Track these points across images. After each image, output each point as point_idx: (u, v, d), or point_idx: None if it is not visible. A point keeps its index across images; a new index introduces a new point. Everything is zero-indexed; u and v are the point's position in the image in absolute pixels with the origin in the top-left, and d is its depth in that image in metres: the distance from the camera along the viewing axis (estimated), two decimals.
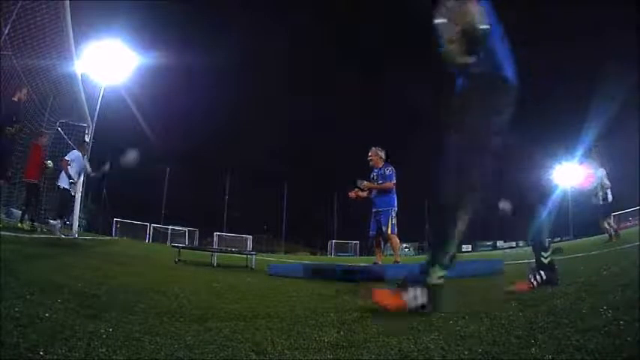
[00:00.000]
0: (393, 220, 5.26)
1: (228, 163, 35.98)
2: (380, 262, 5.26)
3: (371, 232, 5.45)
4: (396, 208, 5.36)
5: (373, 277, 3.46)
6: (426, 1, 1.79)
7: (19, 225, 6.81)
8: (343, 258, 25.83)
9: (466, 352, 1.04)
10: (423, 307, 1.56)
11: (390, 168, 5.42)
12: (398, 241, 5.37)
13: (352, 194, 5.44)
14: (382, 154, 5.55)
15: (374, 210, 5.42)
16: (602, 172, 8.08)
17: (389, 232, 5.22)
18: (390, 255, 6.86)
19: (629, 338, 1.01)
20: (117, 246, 8.93)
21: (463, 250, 34.08)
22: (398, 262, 5.08)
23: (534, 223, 2.14)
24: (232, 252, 7.15)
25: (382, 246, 5.60)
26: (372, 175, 5.54)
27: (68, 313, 1.34)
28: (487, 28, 1.69)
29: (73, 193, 7.64)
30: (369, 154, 5.55)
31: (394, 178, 5.37)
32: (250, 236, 27.24)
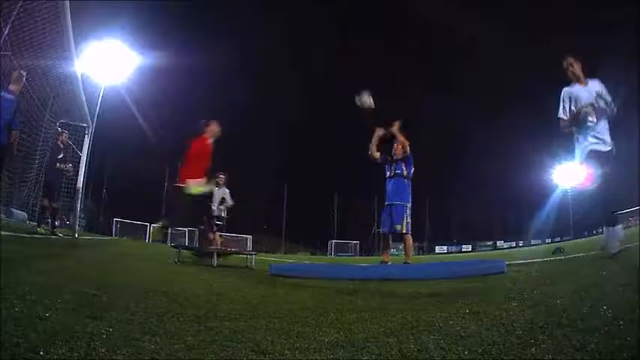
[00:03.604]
0: (407, 219, 5.02)
1: (228, 163, 35.96)
2: (388, 262, 5.11)
3: (383, 229, 5.19)
4: (410, 204, 5.12)
5: (388, 277, 3.43)
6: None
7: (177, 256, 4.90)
8: (343, 258, 25.83)
9: (466, 352, 1.04)
10: None
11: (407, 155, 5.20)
12: (411, 241, 5.13)
13: (379, 131, 5.23)
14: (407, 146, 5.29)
15: (387, 203, 5.18)
16: (225, 190, 8.11)
17: (404, 231, 4.99)
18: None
19: (629, 338, 1.01)
20: (117, 246, 8.93)
21: (463, 250, 34.20)
22: (408, 264, 4.93)
23: None
24: (232, 252, 7.15)
25: (390, 244, 5.40)
26: (389, 165, 5.27)
27: (68, 313, 1.34)
28: None
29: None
30: (396, 146, 5.26)
31: (412, 161, 5.16)
32: (250, 236, 27.24)
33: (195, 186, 5.12)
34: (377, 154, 5.32)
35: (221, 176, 8.06)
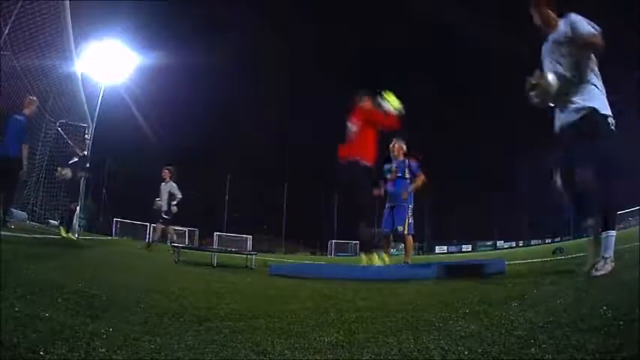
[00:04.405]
0: (409, 219, 5.03)
1: (228, 163, 36.04)
2: (387, 262, 5.10)
3: (384, 229, 5.17)
4: (412, 205, 5.13)
5: (384, 278, 3.42)
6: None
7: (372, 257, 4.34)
8: (343, 258, 25.84)
9: (466, 352, 1.04)
10: None
11: (414, 161, 5.21)
12: (412, 241, 5.14)
13: (377, 192, 5.12)
14: (404, 146, 5.34)
15: (389, 205, 5.20)
16: (172, 185, 8.16)
17: (405, 231, 4.98)
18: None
19: (629, 338, 1.01)
20: (117, 246, 8.93)
21: (463, 250, 34.18)
22: (407, 263, 4.93)
23: None
24: (232, 252, 7.16)
25: (391, 245, 5.38)
26: (389, 167, 5.32)
27: (68, 313, 1.34)
28: None
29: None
30: (393, 144, 5.32)
31: (420, 170, 5.15)
32: (250, 236, 27.27)
33: None
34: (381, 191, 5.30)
35: (166, 170, 8.13)
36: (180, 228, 26.40)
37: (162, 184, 8.25)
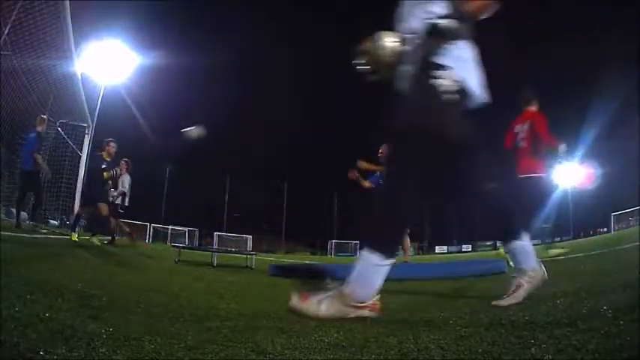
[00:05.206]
0: None
1: (228, 163, 36.05)
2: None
3: None
4: None
5: (388, 277, 3.44)
6: None
7: None
8: (343, 258, 25.85)
9: (466, 352, 1.04)
10: None
11: None
12: (409, 241, 5.38)
13: (352, 175, 5.32)
14: None
15: None
16: (126, 177, 8.21)
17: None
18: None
19: (629, 339, 1.01)
20: (117, 246, 8.91)
21: (463, 250, 34.19)
22: (407, 262, 5.04)
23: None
24: (232, 252, 7.16)
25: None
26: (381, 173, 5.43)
27: (68, 313, 1.34)
28: None
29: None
30: (381, 150, 5.41)
31: None
32: (250, 236, 27.28)
33: None
34: (367, 184, 5.46)
35: (123, 162, 8.18)
36: (180, 228, 26.46)
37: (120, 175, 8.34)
